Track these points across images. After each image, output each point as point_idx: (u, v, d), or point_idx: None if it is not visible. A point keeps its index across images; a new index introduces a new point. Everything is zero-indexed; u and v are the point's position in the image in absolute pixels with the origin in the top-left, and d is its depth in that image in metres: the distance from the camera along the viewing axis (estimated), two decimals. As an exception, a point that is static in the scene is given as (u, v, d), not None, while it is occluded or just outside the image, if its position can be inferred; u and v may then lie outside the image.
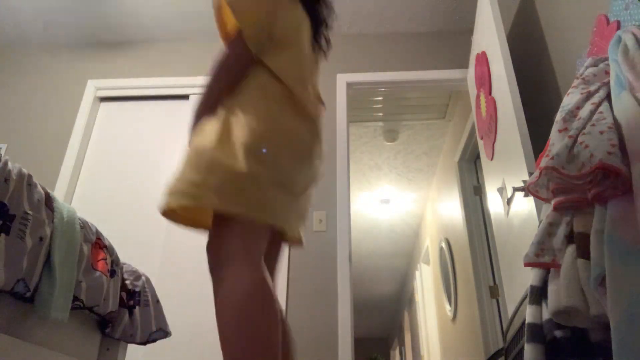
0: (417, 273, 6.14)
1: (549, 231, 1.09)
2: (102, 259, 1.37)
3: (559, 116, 1.16)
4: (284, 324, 1.11)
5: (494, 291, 3.11)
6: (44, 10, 3.16)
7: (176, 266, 2.57)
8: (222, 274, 0.96)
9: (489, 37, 2.33)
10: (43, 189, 1.18)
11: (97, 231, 1.40)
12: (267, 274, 0.98)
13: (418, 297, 6.03)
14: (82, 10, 3.17)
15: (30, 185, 1.12)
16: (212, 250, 1.03)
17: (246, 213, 0.98)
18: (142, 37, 3.37)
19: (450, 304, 4.12)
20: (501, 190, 2.15)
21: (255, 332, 0.87)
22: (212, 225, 1.06)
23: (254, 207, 0.99)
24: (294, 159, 1.09)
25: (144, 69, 3.28)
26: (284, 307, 2.37)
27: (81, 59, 3.36)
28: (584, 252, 0.97)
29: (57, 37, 3.37)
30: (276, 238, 1.21)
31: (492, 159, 2.38)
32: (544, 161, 1.09)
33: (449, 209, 4.15)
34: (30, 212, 1.08)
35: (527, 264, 1.12)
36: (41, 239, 1.11)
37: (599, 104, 1.09)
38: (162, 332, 1.63)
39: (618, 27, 1.50)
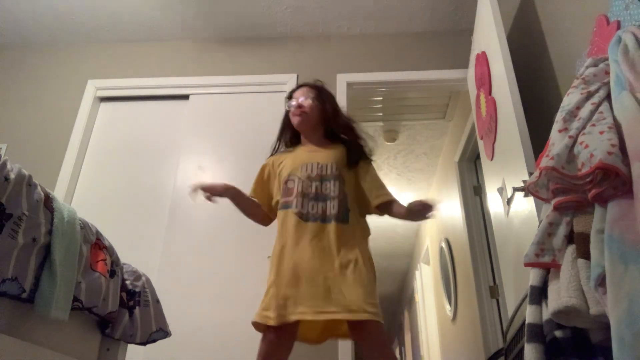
0: (417, 273, 6.14)
1: (549, 231, 1.09)
2: (102, 260, 1.37)
3: (559, 116, 1.16)
4: None
5: (494, 291, 3.11)
6: (43, 10, 3.16)
7: (176, 266, 2.57)
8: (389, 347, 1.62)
9: (489, 37, 2.33)
10: (43, 189, 1.18)
11: (97, 232, 1.40)
12: None
13: (418, 297, 6.03)
14: (82, 10, 3.17)
15: (30, 185, 1.12)
16: (382, 334, 1.58)
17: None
18: (142, 37, 3.37)
19: (450, 304, 4.12)
20: (501, 190, 2.15)
21: None
22: (376, 324, 1.55)
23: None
24: None
25: (144, 69, 3.28)
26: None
27: (81, 59, 3.35)
28: (584, 252, 0.97)
29: (57, 37, 3.37)
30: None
31: (492, 159, 2.38)
32: (544, 161, 1.09)
33: (449, 209, 4.15)
34: (26, 212, 1.08)
35: (527, 264, 1.12)
36: (34, 239, 1.10)
37: (599, 104, 1.09)
38: (162, 332, 1.63)
39: (618, 27, 1.50)
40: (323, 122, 1.92)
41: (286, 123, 1.99)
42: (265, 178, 1.92)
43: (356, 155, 1.84)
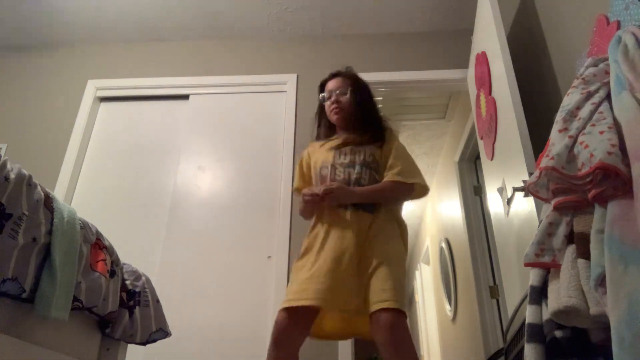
0: (417, 273, 6.14)
1: (548, 231, 1.09)
2: (102, 260, 1.37)
3: (559, 116, 1.16)
4: None
5: (494, 291, 3.11)
6: (44, 10, 3.16)
7: (176, 266, 2.57)
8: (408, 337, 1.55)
9: (489, 37, 2.33)
10: (43, 189, 1.17)
11: (97, 232, 1.40)
12: None
13: (418, 297, 6.03)
14: (82, 10, 3.17)
15: (30, 185, 1.12)
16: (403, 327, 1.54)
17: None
18: (142, 37, 3.37)
19: (450, 304, 4.12)
20: (501, 190, 2.15)
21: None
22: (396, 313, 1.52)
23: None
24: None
25: (144, 69, 3.28)
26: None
27: (81, 59, 3.35)
28: (584, 252, 0.97)
29: (57, 37, 3.37)
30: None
31: (492, 159, 2.38)
32: (544, 161, 1.09)
33: (449, 209, 4.15)
34: (26, 212, 1.08)
35: (527, 264, 1.12)
36: (34, 239, 1.10)
37: (599, 104, 1.09)
38: (162, 332, 1.63)
39: (618, 27, 1.50)
40: (359, 113, 1.92)
41: (322, 115, 2.00)
42: (305, 170, 1.93)
43: (376, 139, 1.84)
